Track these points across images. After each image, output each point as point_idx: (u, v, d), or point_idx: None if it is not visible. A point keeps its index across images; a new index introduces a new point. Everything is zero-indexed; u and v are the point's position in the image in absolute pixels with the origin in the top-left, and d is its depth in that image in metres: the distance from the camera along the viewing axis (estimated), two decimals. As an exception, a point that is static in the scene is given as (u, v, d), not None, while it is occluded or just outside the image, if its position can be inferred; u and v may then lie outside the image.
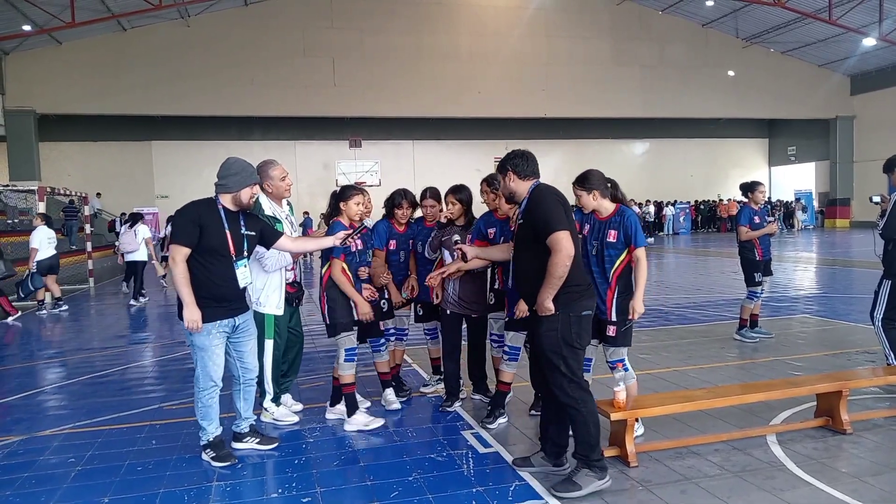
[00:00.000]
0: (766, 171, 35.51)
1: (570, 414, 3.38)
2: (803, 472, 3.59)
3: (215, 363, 3.86)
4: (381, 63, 25.37)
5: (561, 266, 3.25)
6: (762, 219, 7.04)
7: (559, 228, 3.28)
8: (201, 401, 3.90)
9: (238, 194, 3.85)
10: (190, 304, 3.67)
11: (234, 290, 3.86)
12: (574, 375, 3.35)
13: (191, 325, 3.69)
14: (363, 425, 4.41)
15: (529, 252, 3.47)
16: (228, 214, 3.86)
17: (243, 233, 3.90)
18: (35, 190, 13.38)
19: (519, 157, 3.60)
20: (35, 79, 22.22)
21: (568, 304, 3.35)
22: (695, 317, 8.65)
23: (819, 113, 30.50)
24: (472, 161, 29.84)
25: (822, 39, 27.07)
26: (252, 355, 4.10)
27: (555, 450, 3.62)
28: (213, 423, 3.94)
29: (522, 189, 3.59)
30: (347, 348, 4.43)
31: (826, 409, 4.23)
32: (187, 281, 3.69)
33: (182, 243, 3.70)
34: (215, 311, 3.78)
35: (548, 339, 3.36)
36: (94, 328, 9.60)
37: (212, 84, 23.66)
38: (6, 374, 6.66)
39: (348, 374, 4.44)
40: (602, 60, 27.60)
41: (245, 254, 3.91)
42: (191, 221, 3.73)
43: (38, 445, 4.37)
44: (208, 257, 3.76)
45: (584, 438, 3.36)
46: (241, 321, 3.96)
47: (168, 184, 27.87)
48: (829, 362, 5.99)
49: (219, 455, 3.89)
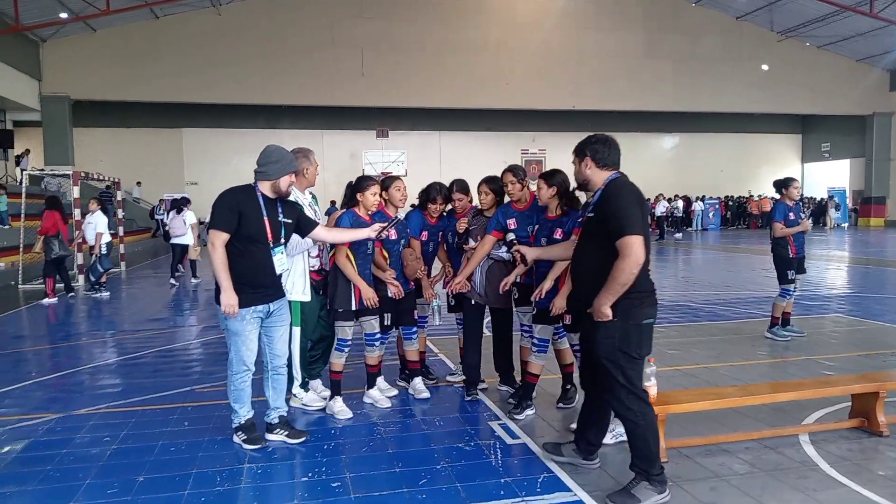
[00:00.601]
0: (799, 168, 34.83)
1: (628, 427, 3.19)
2: (837, 473, 3.53)
3: (248, 348, 3.89)
4: (410, 53, 25.34)
5: (627, 273, 3.01)
6: (797, 215, 6.91)
7: (633, 232, 3.02)
8: (234, 384, 3.95)
9: (277, 182, 3.88)
10: (227, 289, 3.72)
11: (270, 277, 3.90)
12: (633, 386, 3.15)
13: (228, 310, 3.73)
14: (335, 412, 4.49)
15: (593, 249, 3.23)
16: (267, 201, 3.89)
17: (281, 220, 3.93)
18: (70, 174, 13.61)
19: (600, 143, 3.31)
20: (70, 66, 22.61)
21: (628, 311, 3.10)
22: (725, 314, 8.54)
23: (856, 109, 29.76)
24: (498, 153, 29.76)
25: (862, 33, 26.35)
26: (282, 342, 4.12)
27: (588, 448, 3.55)
28: (245, 407, 3.99)
29: (598, 179, 3.31)
30: (340, 338, 4.51)
31: (861, 410, 4.15)
32: (225, 266, 3.73)
33: (221, 229, 3.74)
34: (251, 297, 3.81)
35: (604, 347, 3.13)
36: (126, 311, 9.79)
37: (241, 72, 23.84)
38: (42, 354, 6.83)
39: (338, 362, 4.55)
40: (632, 53, 27.21)
41: (282, 241, 3.95)
42: (229, 208, 3.76)
43: (74, 424, 4.48)
44: (246, 243, 3.79)
45: (643, 452, 3.17)
46: (276, 307, 3.99)
47: (198, 170, 28.26)
48: (863, 363, 5.87)
49: (250, 438, 3.95)
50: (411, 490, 3.36)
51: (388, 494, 3.32)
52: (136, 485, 3.46)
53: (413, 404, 4.83)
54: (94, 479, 3.54)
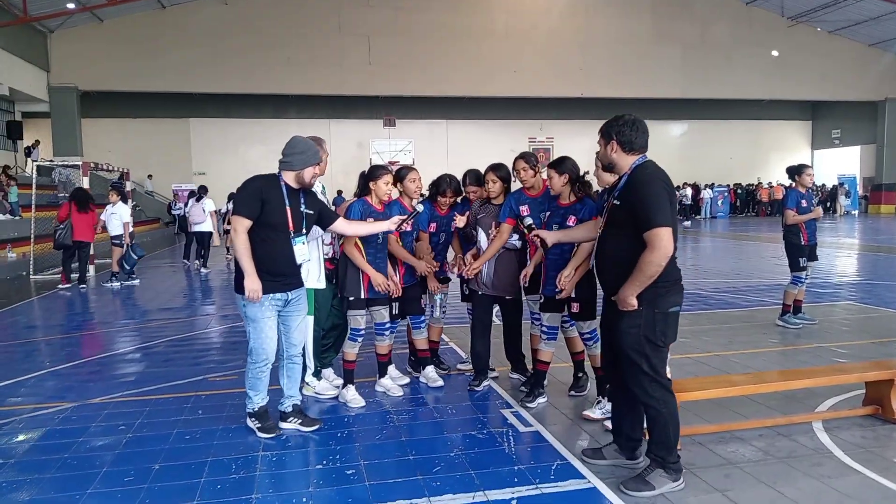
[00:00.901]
0: (809, 155, 34.55)
1: (650, 414, 3.17)
2: (852, 461, 3.52)
3: (268, 336, 3.90)
4: (417, 42, 25.23)
5: (655, 266, 2.93)
6: (809, 203, 6.86)
7: (662, 223, 2.91)
8: (252, 372, 3.97)
9: (301, 173, 3.89)
10: (251, 274, 3.73)
11: (290, 266, 3.92)
12: (657, 374, 3.11)
13: (252, 295, 3.73)
14: (348, 400, 4.52)
15: (619, 237, 3.13)
16: (290, 191, 3.90)
17: (303, 210, 3.95)
18: (80, 165, 13.66)
19: (628, 126, 3.15)
20: (77, 56, 22.66)
21: (654, 300, 3.03)
22: (735, 301, 8.51)
23: (867, 95, 29.45)
24: (506, 141, 29.64)
25: (875, 17, 26.01)
26: (299, 331, 4.13)
27: (630, 444, 3.42)
28: (260, 395, 4.01)
29: (625, 163, 3.17)
30: (353, 328, 4.51)
31: (876, 397, 4.13)
32: (248, 252, 3.75)
33: (244, 215, 3.75)
34: (270, 285, 3.82)
35: (629, 336, 3.08)
36: (138, 300, 9.85)
37: (248, 62, 23.82)
38: (55, 344, 6.88)
39: (351, 352, 4.56)
40: (641, 39, 26.98)
41: (304, 231, 3.96)
42: (253, 195, 3.78)
43: (89, 412, 4.52)
44: (268, 231, 3.81)
45: (663, 440, 3.15)
46: (294, 296, 4.00)
47: (205, 160, 28.33)
48: (875, 350, 5.84)
49: (264, 426, 3.98)
50: (426, 477, 3.37)
51: (402, 482, 3.33)
52: (153, 472, 3.49)
53: (425, 392, 4.85)
54: (110, 468, 3.57)
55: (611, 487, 3.23)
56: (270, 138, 28.15)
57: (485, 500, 3.13)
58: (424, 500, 3.12)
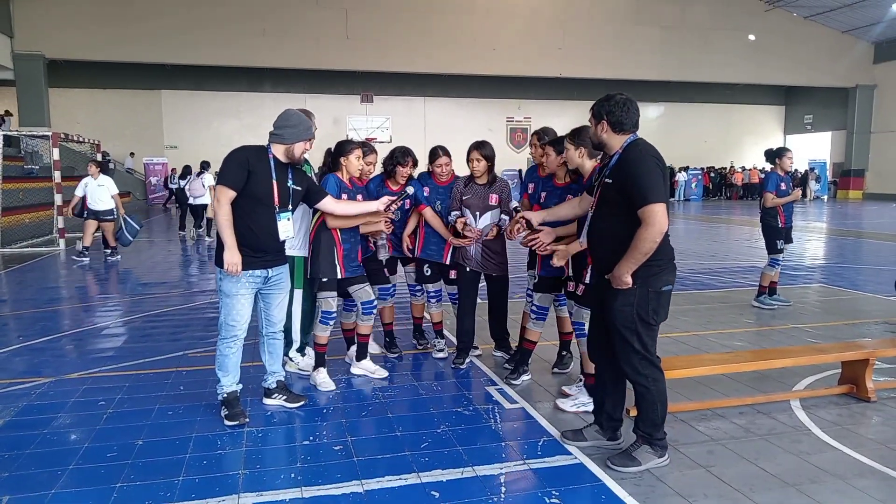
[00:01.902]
0: (782, 139, 35.01)
1: (639, 391, 3.18)
2: (829, 437, 3.62)
3: (240, 312, 3.77)
4: (395, 16, 24.83)
5: (650, 242, 2.92)
6: (788, 186, 6.96)
7: (656, 200, 2.91)
8: (221, 350, 3.84)
9: (291, 147, 3.79)
10: (231, 246, 3.62)
11: (272, 242, 3.80)
12: (647, 352, 3.13)
13: (230, 268, 3.62)
14: (318, 383, 4.39)
15: (612, 216, 3.11)
16: (278, 165, 3.79)
17: (289, 185, 3.83)
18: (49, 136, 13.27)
19: (617, 106, 3.12)
20: (44, 22, 21.84)
21: (647, 278, 3.04)
22: (711, 283, 8.65)
23: (839, 81, 29.89)
24: (484, 119, 29.60)
25: (849, 4, 26.30)
26: (279, 309, 4.02)
27: (611, 424, 3.44)
28: (229, 377, 3.86)
29: (615, 143, 3.16)
30: (324, 311, 4.34)
31: (851, 376, 4.25)
32: (230, 223, 3.63)
33: (228, 185, 3.63)
34: (249, 261, 3.70)
35: (622, 314, 3.08)
36: (115, 275, 9.65)
37: (223, 33, 23.21)
38: (28, 318, 6.72)
39: (323, 335, 4.40)
40: (621, 19, 26.92)
41: (289, 207, 3.83)
42: (239, 164, 3.66)
43: (67, 388, 4.43)
44: (252, 204, 3.70)
45: (650, 416, 3.18)
46: (275, 273, 3.89)
47: (177, 134, 27.74)
48: (847, 331, 5.99)
49: (230, 413, 3.79)
50: (413, 453, 3.38)
51: (390, 458, 3.34)
52: (136, 448, 3.45)
53: (409, 370, 4.84)
54: (91, 443, 3.52)
55: (597, 463, 3.28)
56: (245, 112, 27.73)
57: (473, 476, 3.15)
58: (413, 476, 3.13)
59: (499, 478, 3.13)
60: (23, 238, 12.97)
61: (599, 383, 3.49)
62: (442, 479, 3.10)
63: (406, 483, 3.07)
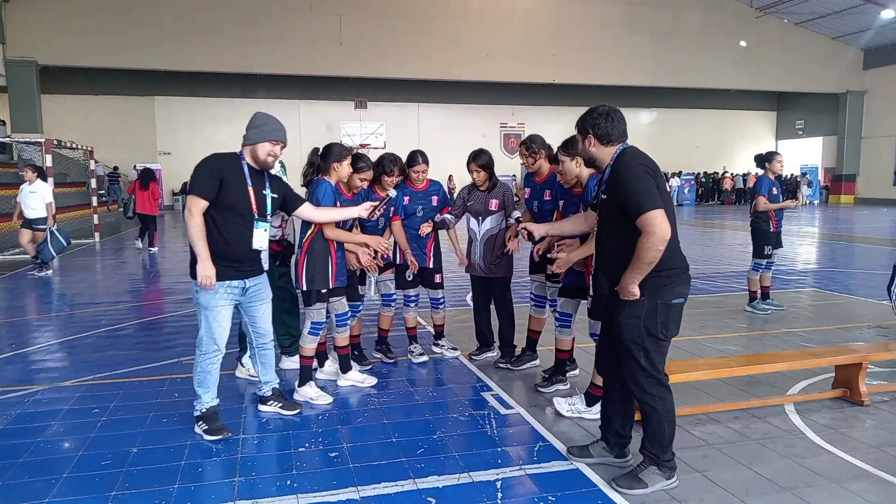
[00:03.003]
0: (773, 145, 35.22)
1: (645, 410, 3.05)
2: (823, 441, 3.64)
3: (220, 325, 3.64)
4: (389, 22, 24.88)
5: (652, 251, 2.80)
6: (779, 190, 7.01)
7: (651, 207, 2.80)
8: (200, 365, 3.69)
9: (255, 147, 3.63)
10: (205, 258, 3.49)
11: (247, 252, 3.65)
12: (654, 370, 3.00)
13: (204, 281, 3.49)
14: (312, 398, 4.23)
15: (615, 231, 3.01)
16: (252, 172, 3.67)
17: (266, 193, 3.70)
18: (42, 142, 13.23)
19: (602, 118, 3.06)
20: (36, 29, 21.76)
21: (656, 290, 2.92)
22: (705, 287, 8.68)
23: (830, 87, 30.13)
24: (478, 125, 29.68)
25: (839, 11, 26.55)
26: (264, 320, 3.90)
27: (618, 441, 3.31)
28: (210, 393, 3.74)
29: (605, 155, 3.09)
30: (314, 322, 4.21)
31: (844, 380, 4.27)
32: (203, 235, 3.50)
33: (199, 195, 3.49)
34: (224, 271, 3.58)
35: (628, 327, 2.96)
36: (104, 282, 9.61)
37: (216, 39, 23.20)
38: (21, 326, 6.69)
39: (310, 346, 4.27)
40: (614, 25, 27.05)
41: (267, 215, 3.71)
42: (210, 173, 3.51)
43: (61, 395, 4.41)
44: (227, 214, 3.56)
45: (657, 437, 3.05)
46: (252, 284, 3.75)
47: (170, 140, 27.68)
48: (841, 335, 6.02)
49: (210, 428, 3.68)
50: (410, 459, 3.38)
51: (386, 464, 3.33)
52: (131, 456, 3.43)
53: (403, 376, 4.84)
54: (86, 451, 3.50)
55: (593, 469, 3.28)
56: (238, 118, 27.34)
57: (469, 482, 3.14)
58: (410, 482, 3.13)
59: (495, 483, 3.13)
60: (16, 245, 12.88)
61: (608, 399, 3.35)
62: (438, 486, 3.10)
63: (402, 489, 3.06)
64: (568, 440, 3.62)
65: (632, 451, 3.34)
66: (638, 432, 3.27)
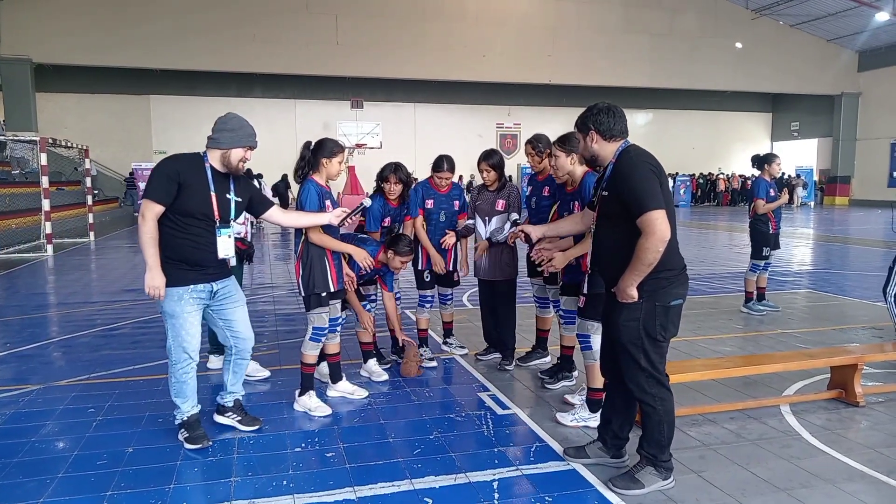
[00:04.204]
0: (769, 146, 35.35)
1: (645, 410, 3.04)
2: (819, 442, 3.65)
3: (188, 332, 3.43)
4: (385, 22, 24.88)
5: (653, 252, 2.78)
6: (776, 192, 7.03)
7: (653, 207, 2.77)
8: (175, 376, 3.50)
9: (228, 153, 3.42)
10: (153, 266, 3.28)
11: (211, 258, 3.44)
12: (654, 370, 2.98)
13: (152, 292, 3.30)
14: (311, 408, 4.06)
15: (612, 228, 2.99)
16: (216, 175, 3.44)
17: (230, 197, 3.48)
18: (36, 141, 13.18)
19: (604, 114, 3.03)
20: (31, 26, 21.69)
21: (655, 292, 2.90)
22: (700, 288, 8.70)
23: (825, 89, 30.25)
24: (474, 126, 29.71)
25: (833, 13, 26.66)
26: (242, 323, 3.68)
27: (616, 443, 3.30)
28: (188, 402, 3.57)
29: (607, 152, 3.05)
30: (316, 327, 4.03)
31: (840, 381, 4.28)
32: (154, 241, 3.28)
33: (154, 199, 3.27)
34: (187, 275, 3.38)
35: (627, 329, 2.95)
36: (99, 281, 9.58)
37: (213, 38, 23.15)
38: (15, 325, 6.65)
39: (311, 353, 4.09)
40: (610, 27, 27.12)
41: (231, 221, 3.50)
42: (168, 177, 3.28)
43: (56, 395, 4.39)
44: (187, 219, 3.35)
45: (656, 438, 3.04)
46: (221, 287, 3.55)
47: (166, 139, 27.56)
48: (836, 336, 6.04)
49: (192, 436, 3.53)
50: (406, 460, 3.38)
51: (383, 464, 3.33)
52: (126, 456, 3.42)
53: (400, 377, 4.83)
54: (81, 451, 3.48)
55: (590, 469, 3.28)
56: (235, 118, 27.60)
57: (466, 482, 3.14)
58: (406, 482, 3.13)
59: (492, 484, 3.13)
60: (10, 244, 12.86)
61: (609, 400, 3.34)
62: (435, 486, 3.10)
63: (399, 490, 3.06)
64: (564, 441, 3.62)
65: (628, 452, 3.34)
66: (635, 433, 3.28)
